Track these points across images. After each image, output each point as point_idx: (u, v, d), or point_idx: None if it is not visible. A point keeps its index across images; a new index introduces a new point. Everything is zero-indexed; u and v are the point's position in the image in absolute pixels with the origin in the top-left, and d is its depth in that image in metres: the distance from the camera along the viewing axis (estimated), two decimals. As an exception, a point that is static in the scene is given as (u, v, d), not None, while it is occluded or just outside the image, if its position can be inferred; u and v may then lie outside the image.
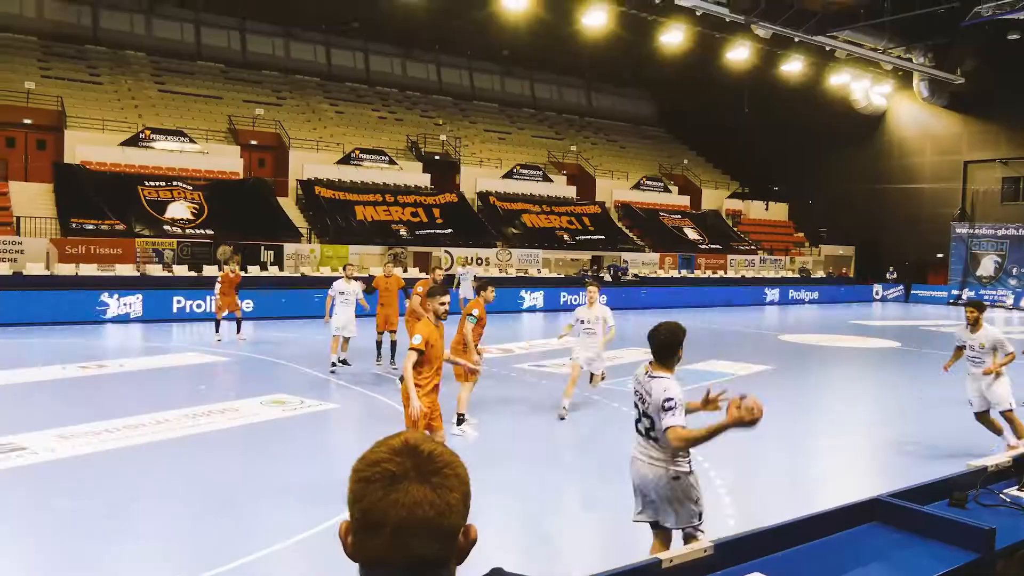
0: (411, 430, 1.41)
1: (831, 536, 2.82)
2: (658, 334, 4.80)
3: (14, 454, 8.15)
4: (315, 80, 39.78)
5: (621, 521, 7.06)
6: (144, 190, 26.46)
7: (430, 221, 31.49)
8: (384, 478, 1.30)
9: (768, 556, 2.63)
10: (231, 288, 17.15)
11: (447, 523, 1.31)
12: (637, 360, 16.03)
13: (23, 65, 30.83)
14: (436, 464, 1.33)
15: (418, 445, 1.35)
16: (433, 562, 1.31)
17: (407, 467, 1.31)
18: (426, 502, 1.29)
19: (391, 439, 1.38)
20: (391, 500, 1.29)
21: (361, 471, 1.33)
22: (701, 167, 47.73)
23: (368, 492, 1.31)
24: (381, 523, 1.29)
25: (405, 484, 1.30)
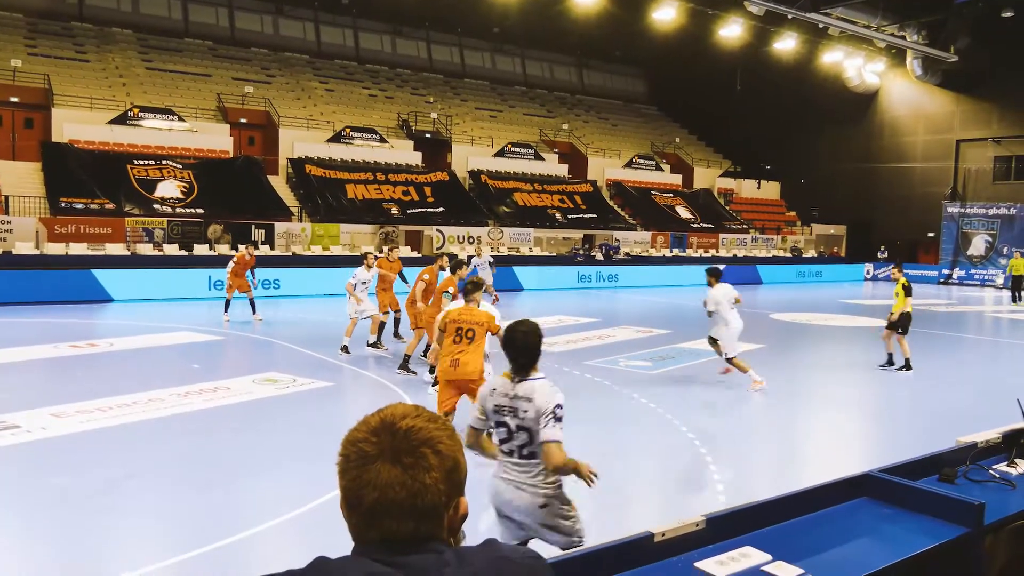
0: (396, 404, 1.41)
1: (822, 511, 2.85)
2: (518, 336, 4.10)
3: (8, 432, 8.15)
4: (304, 58, 39.44)
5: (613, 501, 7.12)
6: (133, 169, 26.27)
7: (421, 200, 31.39)
8: (359, 458, 1.31)
9: (759, 530, 2.66)
10: (243, 270, 17.02)
11: (422, 502, 1.30)
12: (628, 339, 16.11)
13: (9, 43, 30.44)
14: (411, 443, 1.32)
15: (396, 422, 1.34)
16: (414, 538, 1.31)
17: (382, 447, 1.31)
18: (396, 483, 1.29)
19: (373, 416, 1.38)
20: (364, 481, 1.30)
21: (343, 449, 1.35)
22: (693, 145, 47.66)
23: (347, 471, 1.32)
24: (357, 503, 1.30)
25: (377, 465, 1.30)
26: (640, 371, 12.65)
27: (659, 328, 17.87)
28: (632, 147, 43.87)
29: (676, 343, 15.67)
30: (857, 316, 22.32)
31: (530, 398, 4.02)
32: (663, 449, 8.61)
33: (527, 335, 4.11)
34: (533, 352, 4.12)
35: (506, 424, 4.10)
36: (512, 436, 4.10)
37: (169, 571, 5.26)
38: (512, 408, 4.06)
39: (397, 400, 10.16)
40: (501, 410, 4.10)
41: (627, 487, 7.48)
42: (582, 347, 14.90)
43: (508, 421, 4.08)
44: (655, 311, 22.53)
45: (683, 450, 8.38)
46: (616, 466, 7.96)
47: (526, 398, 4.02)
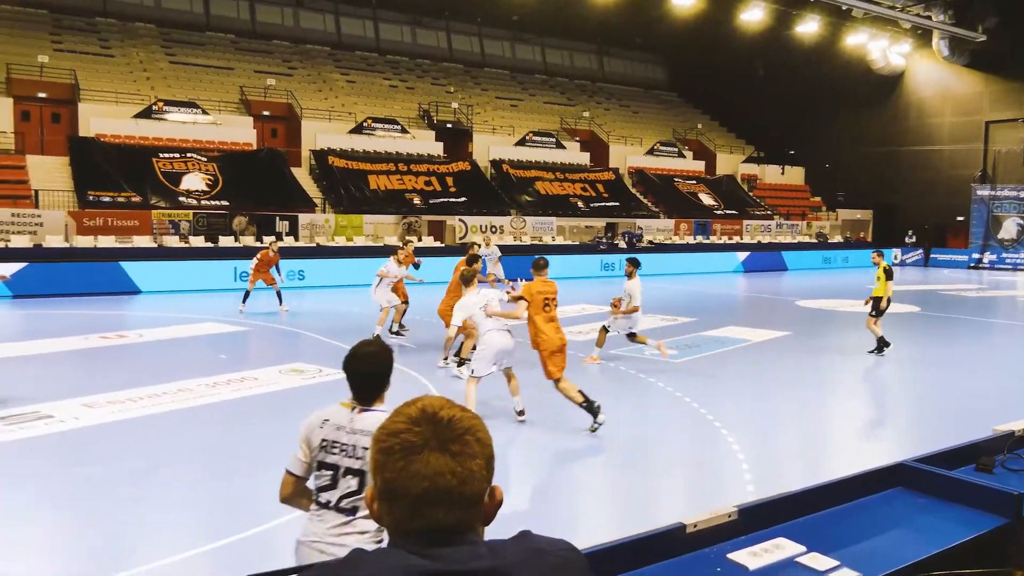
0: (425, 396, 1.40)
1: (855, 501, 2.82)
2: (363, 358, 3.37)
3: (41, 422, 8.29)
4: (325, 49, 39.51)
5: (642, 491, 7.12)
6: (159, 162, 26.50)
7: (443, 190, 31.41)
8: (404, 448, 1.30)
9: (792, 521, 2.64)
10: (267, 267, 17.16)
11: (469, 490, 1.31)
12: (653, 327, 16.03)
13: (36, 39, 30.78)
14: (456, 431, 1.33)
15: (436, 412, 1.35)
16: (457, 528, 1.32)
17: (427, 436, 1.31)
18: (447, 471, 1.29)
19: (408, 407, 1.38)
20: (412, 471, 1.29)
21: (381, 441, 1.33)
22: (715, 131, 47.26)
23: (389, 463, 1.31)
24: (404, 493, 1.29)
25: (425, 454, 1.30)
26: (666, 359, 12.59)
27: (684, 316, 17.79)
28: (654, 134, 43.57)
29: (701, 331, 15.58)
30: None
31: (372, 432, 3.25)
32: (690, 438, 8.57)
33: (374, 357, 3.38)
34: (381, 377, 3.40)
35: (333, 466, 3.31)
36: (336, 483, 3.30)
37: (196, 560, 5.33)
38: (348, 445, 3.28)
39: (422, 389, 10.22)
40: (331, 447, 3.31)
41: (654, 477, 7.47)
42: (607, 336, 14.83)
43: (338, 462, 3.29)
44: (679, 299, 22.41)
45: (710, 439, 8.34)
46: (643, 455, 7.95)
47: (367, 432, 3.22)
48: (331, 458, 3.30)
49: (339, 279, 23.39)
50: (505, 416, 8.79)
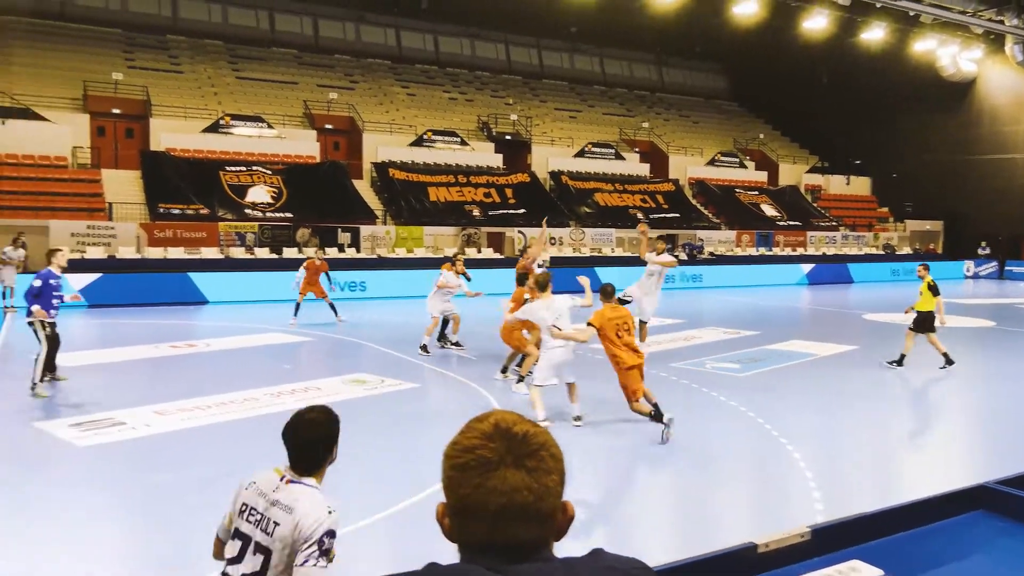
0: (496, 411, 1.40)
1: (934, 524, 2.73)
2: (302, 425, 3.02)
3: (115, 428, 8.56)
4: (386, 63, 40.15)
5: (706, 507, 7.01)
6: (225, 175, 27.21)
7: (503, 201, 31.55)
8: (480, 465, 1.30)
9: (866, 543, 2.57)
10: (315, 275, 17.35)
11: (545, 506, 1.31)
12: (715, 340, 15.82)
13: (110, 57, 31.98)
14: (531, 447, 1.33)
15: (510, 428, 1.34)
16: (532, 544, 1.31)
17: (502, 452, 1.31)
18: (524, 487, 1.29)
19: (480, 422, 1.37)
20: (489, 487, 1.29)
21: (455, 457, 1.33)
22: (778, 141, 46.52)
23: (465, 479, 1.30)
24: (481, 510, 1.29)
25: (502, 470, 1.29)
26: (728, 373, 12.41)
27: (746, 329, 17.50)
28: (714, 144, 43.10)
29: (765, 344, 15.31)
30: (957, 316, 21.38)
31: (291, 508, 2.84)
32: (754, 453, 8.42)
33: (317, 425, 3.03)
34: (323, 447, 3.03)
35: (245, 537, 2.93)
36: (243, 556, 2.90)
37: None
38: (262, 517, 2.91)
39: (483, 401, 10.25)
40: (249, 514, 2.96)
41: (718, 493, 7.35)
42: (667, 349, 14.72)
43: (250, 532, 2.92)
44: (742, 312, 22.07)
45: (775, 454, 8.18)
46: (705, 470, 7.83)
47: (286, 508, 2.86)
48: (245, 527, 2.95)
49: (399, 290, 23.66)
50: (560, 427, 8.75)
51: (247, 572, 2.88)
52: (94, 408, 9.35)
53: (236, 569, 2.92)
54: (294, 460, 3.02)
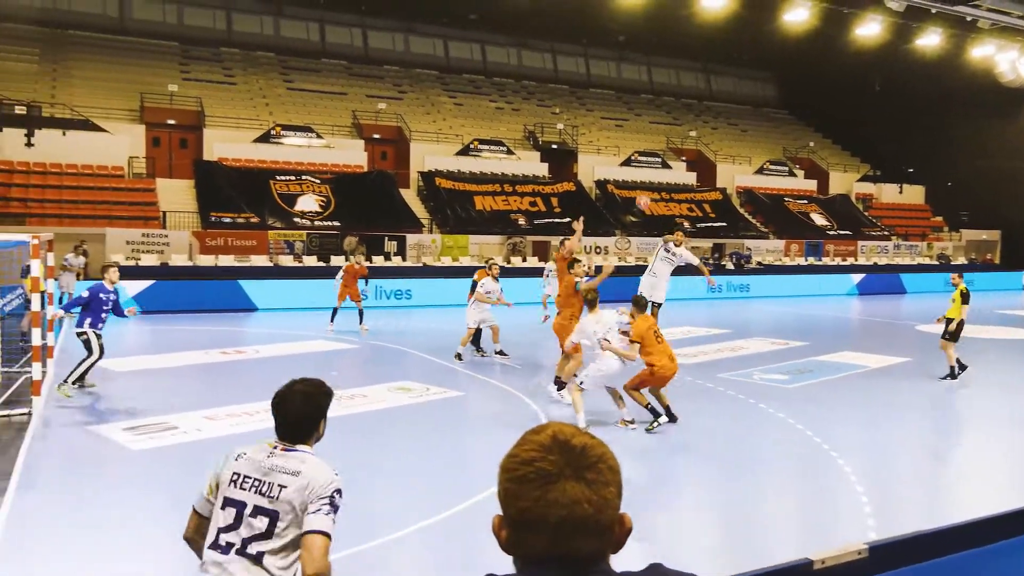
0: (552, 423, 1.39)
1: (998, 544, 2.63)
2: (294, 398, 3.12)
3: (168, 432, 8.73)
4: (434, 73, 40.50)
5: (754, 519, 6.89)
6: (276, 184, 27.68)
7: (548, 210, 31.55)
8: (539, 477, 1.30)
9: (928, 562, 2.48)
10: (353, 280, 17.47)
11: (605, 518, 1.31)
12: (762, 351, 15.59)
13: (166, 69, 32.79)
14: (590, 459, 1.32)
15: (569, 440, 1.34)
16: (592, 557, 1.31)
17: (561, 464, 1.30)
18: (584, 499, 1.29)
19: (538, 434, 1.36)
20: (549, 500, 1.28)
21: (514, 470, 1.32)
22: (828, 149, 45.78)
23: (524, 492, 1.30)
24: (540, 523, 1.28)
25: (562, 483, 1.29)
26: (776, 384, 12.21)
27: (795, 340, 17.20)
28: (763, 153, 42.59)
29: (814, 356, 15.03)
30: (1014, 328, 20.77)
31: (297, 471, 2.96)
32: (803, 467, 8.26)
33: (307, 397, 3.12)
34: (312, 421, 3.12)
35: (239, 503, 2.98)
36: (240, 522, 2.96)
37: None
38: (263, 483, 2.98)
39: (528, 410, 10.22)
40: (243, 482, 3.01)
41: (766, 506, 7.22)
42: (714, 359, 14.53)
43: (246, 498, 2.98)
44: (790, 322, 21.72)
45: (825, 468, 8.00)
46: (754, 481, 7.70)
47: (291, 472, 2.97)
48: (239, 494, 2.98)
49: (445, 298, 23.75)
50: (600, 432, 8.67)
51: (247, 536, 2.94)
52: (147, 412, 9.55)
53: (232, 536, 2.96)
54: (285, 431, 3.10)
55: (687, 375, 12.42)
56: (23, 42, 31.26)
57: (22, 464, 7.55)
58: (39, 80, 29.84)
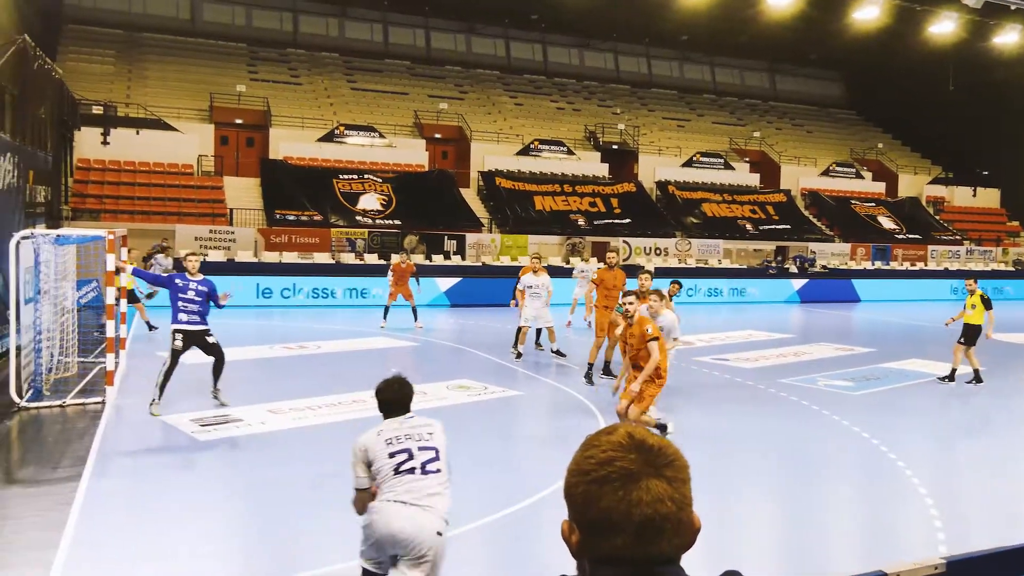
0: (623, 423, 1.38)
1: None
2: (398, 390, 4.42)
3: (232, 425, 8.94)
4: (495, 73, 40.64)
5: (819, 528, 6.74)
6: (338, 183, 28.11)
7: (608, 211, 31.39)
8: (621, 476, 1.28)
9: (1007, 579, 2.39)
10: (403, 278, 17.65)
11: (685, 517, 1.30)
12: (826, 357, 15.25)
13: (235, 70, 33.60)
14: (667, 457, 1.31)
15: (644, 439, 1.33)
16: (672, 558, 1.29)
17: (640, 463, 1.29)
18: (667, 497, 1.28)
19: (611, 435, 1.35)
20: (633, 499, 1.26)
21: (592, 471, 1.30)
22: (897, 151, 44.53)
23: (605, 493, 1.28)
24: (624, 523, 1.27)
25: (644, 481, 1.28)
26: (841, 391, 11.93)
27: (861, 346, 16.79)
28: (829, 154, 41.66)
29: (881, 362, 14.64)
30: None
31: (431, 423, 4.38)
32: (869, 476, 8.05)
33: (404, 386, 4.45)
34: (411, 397, 4.46)
35: (405, 449, 4.18)
36: (412, 457, 4.16)
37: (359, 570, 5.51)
38: (414, 434, 4.25)
39: (585, 410, 10.18)
40: (398, 440, 4.20)
41: (830, 515, 7.06)
42: (776, 364, 14.27)
43: (408, 445, 4.20)
44: (856, 327, 21.22)
45: (891, 479, 7.78)
46: (818, 490, 7.54)
47: (428, 424, 4.35)
48: (399, 445, 4.17)
49: (504, 298, 23.82)
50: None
51: (424, 460, 4.16)
52: (213, 404, 9.78)
53: (412, 463, 4.13)
54: (399, 407, 4.35)
55: (748, 379, 12.22)
56: (101, 45, 32.39)
57: (96, 450, 7.82)
58: (115, 81, 30.87)
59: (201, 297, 9.69)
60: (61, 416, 9.24)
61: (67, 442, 8.23)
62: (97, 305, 14.13)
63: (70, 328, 11.96)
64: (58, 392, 10.04)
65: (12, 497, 6.63)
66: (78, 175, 25.66)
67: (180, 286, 9.65)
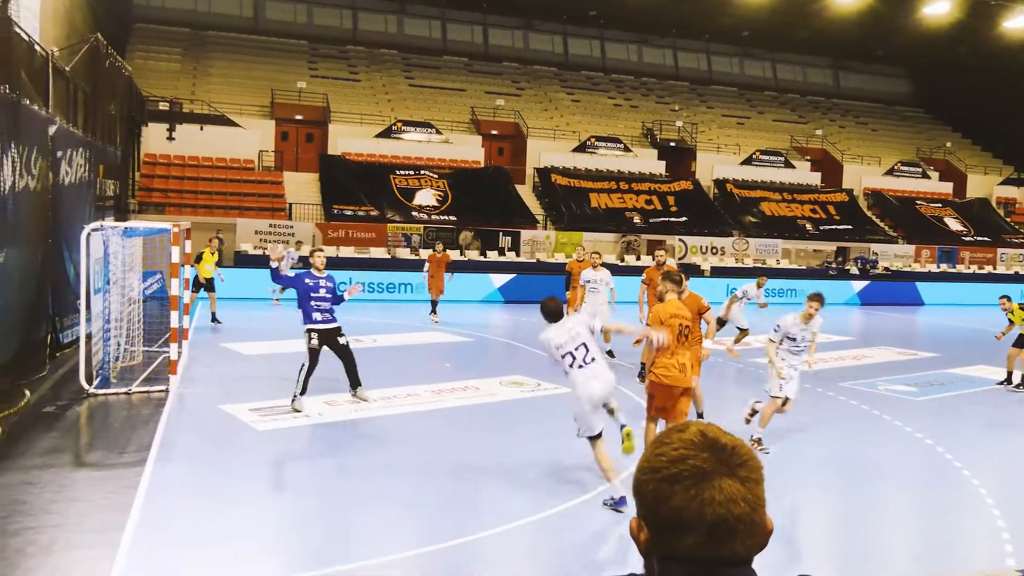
0: (695, 421, 1.36)
1: None
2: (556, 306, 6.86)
3: (290, 415, 9.09)
4: (552, 70, 40.57)
5: (879, 534, 6.58)
6: (395, 179, 28.40)
7: (664, 208, 31.10)
8: (694, 475, 1.27)
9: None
10: (438, 268, 17.77)
11: (759, 517, 1.28)
12: (888, 361, 14.91)
13: (296, 67, 34.19)
14: (741, 457, 1.30)
15: (717, 438, 1.32)
16: (741, 560, 1.28)
17: (713, 462, 1.28)
18: (740, 497, 1.26)
19: (679, 433, 1.34)
20: (706, 498, 1.25)
21: (664, 469, 1.29)
22: (966, 150, 43.16)
23: (676, 491, 1.27)
24: (696, 522, 1.25)
25: (717, 480, 1.26)
26: (903, 396, 11.63)
27: (924, 351, 16.34)
28: (894, 153, 40.60)
29: (945, 368, 14.23)
30: None
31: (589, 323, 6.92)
32: (931, 484, 7.83)
33: (559, 303, 6.95)
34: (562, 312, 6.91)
35: (569, 352, 6.58)
36: (575, 356, 6.55)
37: (411, 562, 5.57)
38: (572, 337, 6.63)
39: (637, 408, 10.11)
40: (561, 345, 6.63)
41: (892, 521, 6.89)
42: (835, 367, 13.97)
43: (572, 349, 6.58)
44: (919, 332, 20.67)
45: (955, 487, 7.56)
46: (879, 497, 7.37)
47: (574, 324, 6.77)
48: (567, 348, 6.60)
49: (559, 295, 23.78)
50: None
51: (583, 356, 6.59)
52: (271, 394, 9.98)
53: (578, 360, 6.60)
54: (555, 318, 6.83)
55: (806, 382, 11.97)
56: (168, 43, 33.29)
57: (160, 437, 8.04)
58: (180, 78, 31.67)
59: (331, 294, 9.65)
60: (127, 403, 9.52)
61: (132, 428, 8.48)
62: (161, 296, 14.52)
63: (136, 318, 12.33)
64: (124, 380, 10.35)
65: (81, 480, 6.87)
66: (145, 169, 26.41)
67: (311, 285, 9.58)
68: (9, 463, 7.01)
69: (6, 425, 7.95)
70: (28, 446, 7.55)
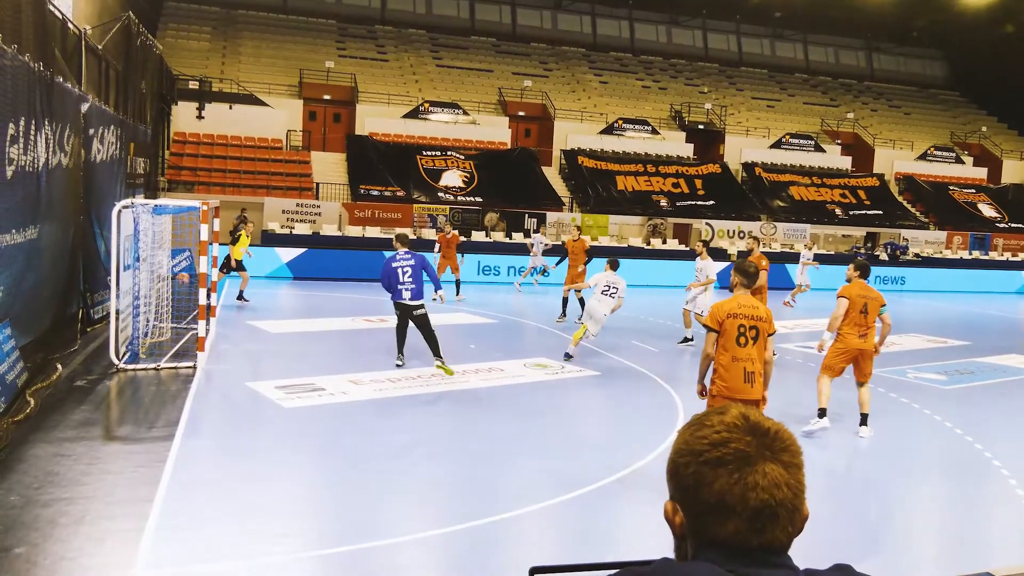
0: (734, 405, 1.33)
1: None
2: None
3: (315, 394, 9.18)
4: (580, 51, 40.25)
5: (906, 525, 6.52)
6: (422, 159, 28.40)
7: (691, 192, 30.85)
8: (737, 459, 1.25)
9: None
10: (450, 249, 17.84)
11: (800, 504, 1.26)
12: (917, 348, 14.74)
13: (324, 46, 34.22)
14: (783, 441, 1.28)
15: (759, 422, 1.29)
16: (781, 547, 1.26)
17: (756, 445, 1.26)
18: (783, 483, 1.24)
19: (719, 415, 1.31)
20: (749, 482, 1.23)
21: (706, 452, 1.27)
22: (1003, 135, 42.31)
23: (718, 475, 1.25)
24: (738, 507, 1.23)
25: (761, 464, 1.24)
26: (932, 385, 11.49)
27: (954, 339, 16.11)
28: (927, 137, 39.91)
29: (975, 356, 14.03)
30: None
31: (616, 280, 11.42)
32: (961, 473, 7.73)
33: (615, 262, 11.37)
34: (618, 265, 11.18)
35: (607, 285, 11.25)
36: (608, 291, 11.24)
37: (434, 541, 5.61)
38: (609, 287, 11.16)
39: (663, 393, 10.08)
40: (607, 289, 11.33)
41: (921, 514, 6.83)
42: (863, 353, 13.79)
43: (610, 283, 11.24)
44: (950, 319, 20.38)
45: (985, 477, 7.47)
46: (906, 486, 7.30)
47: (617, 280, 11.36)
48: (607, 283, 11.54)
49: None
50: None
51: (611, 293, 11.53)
52: (297, 373, 10.07)
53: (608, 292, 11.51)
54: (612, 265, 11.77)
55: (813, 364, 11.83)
56: (198, 22, 33.43)
57: (188, 412, 8.15)
58: (210, 57, 31.82)
59: (416, 273, 10.47)
60: (156, 378, 9.65)
61: (161, 403, 8.60)
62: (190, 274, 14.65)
63: (165, 295, 12.47)
64: (153, 355, 10.50)
65: (112, 453, 6.98)
66: (174, 148, 26.62)
67: (393, 269, 10.57)
68: (42, 435, 7.15)
69: (39, 398, 8.09)
70: (60, 419, 7.68)
